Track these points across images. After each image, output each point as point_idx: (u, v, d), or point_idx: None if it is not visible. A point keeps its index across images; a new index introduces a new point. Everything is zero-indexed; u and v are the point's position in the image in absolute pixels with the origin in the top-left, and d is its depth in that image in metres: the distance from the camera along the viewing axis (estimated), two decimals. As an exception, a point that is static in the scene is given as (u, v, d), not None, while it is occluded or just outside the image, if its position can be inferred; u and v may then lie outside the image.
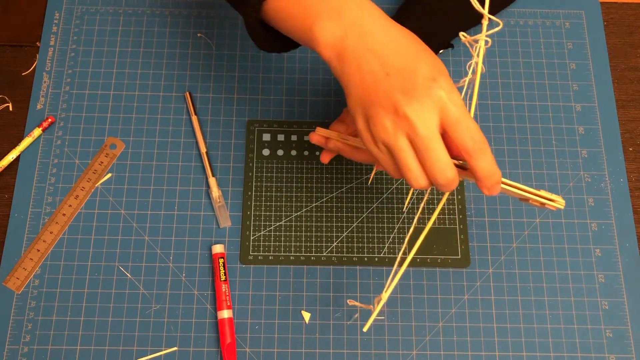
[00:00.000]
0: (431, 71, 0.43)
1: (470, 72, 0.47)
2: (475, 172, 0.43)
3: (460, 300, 0.62)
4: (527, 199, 0.49)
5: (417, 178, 0.44)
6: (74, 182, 0.66)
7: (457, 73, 0.71)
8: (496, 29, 0.47)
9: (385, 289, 0.48)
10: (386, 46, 0.45)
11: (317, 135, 0.56)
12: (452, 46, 0.69)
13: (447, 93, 0.42)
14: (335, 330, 0.61)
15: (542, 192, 0.48)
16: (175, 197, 0.65)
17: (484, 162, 0.43)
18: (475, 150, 0.43)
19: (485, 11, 0.46)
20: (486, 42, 0.47)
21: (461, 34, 0.47)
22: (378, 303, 0.47)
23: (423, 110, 0.42)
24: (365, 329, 0.49)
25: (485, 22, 0.47)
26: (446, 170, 0.43)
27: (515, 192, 0.48)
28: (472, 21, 0.69)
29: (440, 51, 0.68)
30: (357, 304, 0.50)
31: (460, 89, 0.49)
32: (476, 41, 0.47)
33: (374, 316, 0.48)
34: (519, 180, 0.67)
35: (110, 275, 0.62)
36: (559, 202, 0.48)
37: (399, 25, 0.47)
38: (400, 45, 0.45)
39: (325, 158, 0.59)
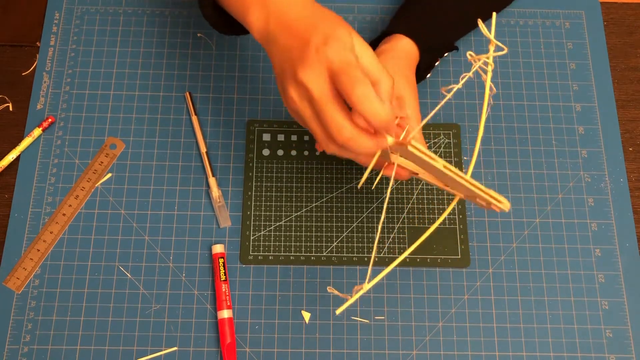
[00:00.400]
0: (324, 36, 0.45)
1: (461, 82, 0.47)
2: (365, 118, 0.43)
3: (460, 300, 0.62)
4: (474, 197, 0.49)
5: (324, 142, 0.46)
6: (74, 182, 0.66)
7: (457, 73, 0.71)
8: (501, 52, 0.48)
9: (367, 280, 0.48)
10: (297, 24, 0.47)
11: None
12: (456, 48, 0.69)
13: (335, 52, 0.44)
14: (335, 330, 0.61)
15: (491, 192, 0.49)
16: (175, 197, 0.65)
17: (368, 107, 0.43)
18: (359, 97, 0.43)
19: (491, 36, 0.48)
20: (487, 63, 0.48)
21: (468, 53, 0.48)
22: (357, 292, 0.48)
23: (314, 73, 0.44)
24: (337, 312, 0.49)
25: (492, 47, 0.48)
26: (341, 129, 0.44)
27: (463, 184, 0.48)
28: (472, 22, 0.69)
29: (445, 54, 0.68)
30: (335, 291, 0.50)
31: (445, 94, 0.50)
32: (481, 59, 0.48)
33: (349, 302, 0.47)
34: (519, 180, 0.67)
35: (110, 275, 0.62)
36: (504, 204, 0.49)
37: (317, 5, 0.49)
38: (309, 21, 0.47)
39: (320, 147, 0.59)
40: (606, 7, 0.75)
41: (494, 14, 0.51)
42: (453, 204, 0.54)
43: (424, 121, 0.48)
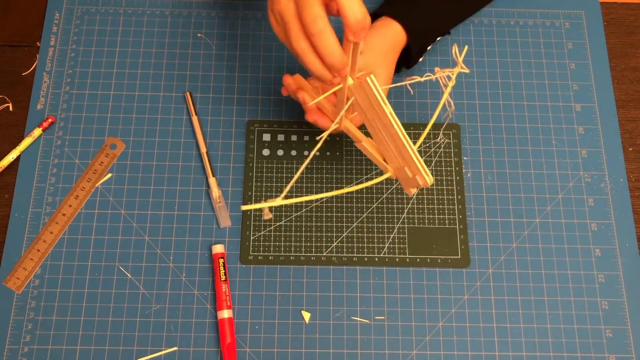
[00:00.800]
0: None
1: (408, 81, 0.52)
2: (343, 11, 0.46)
3: (460, 300, 0.62)
4: (402, 168, 0.51)
5: (296, 36, 0.48)
6: (74, 182, 0.66)
7: (444, 63, 0.71)
8: (462, 70, 0.53)
9: (281, 196, 0.47)
10: None
11: (291, 79, 0.59)
12: (449, 33, 0.70)
13: None
14: (335, 330, 0.61)
15: (422, 162, 0.50)
16: (175, 197, 0.65)
17: (350, 2, 0.45)
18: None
19: (460, 60, 0.52)
20: (449, 77, 0.53)
21: (436, 68, 0.53)
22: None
23: None
24: (243, 208, 0.47)
25: (458, 68, 0.52)
26: (317, 18, 0.46)
27: (399, 144, 0.50)
28: (467, 9, 0.71)
29: (438, 38, 0.69)
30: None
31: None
32: (444, 73, 0.53)
33: (259, 206, 0.48)
34: (519, 180, 0.67)
35: (110, 275, 0.62)
36: (429, 178, 0.50)
37: None
38: None
39: (284, 92, 0.62)
40: (606, 7, 0.75)
41: (466, 47, 0.57)
42: (381, 178, 0.55)
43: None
